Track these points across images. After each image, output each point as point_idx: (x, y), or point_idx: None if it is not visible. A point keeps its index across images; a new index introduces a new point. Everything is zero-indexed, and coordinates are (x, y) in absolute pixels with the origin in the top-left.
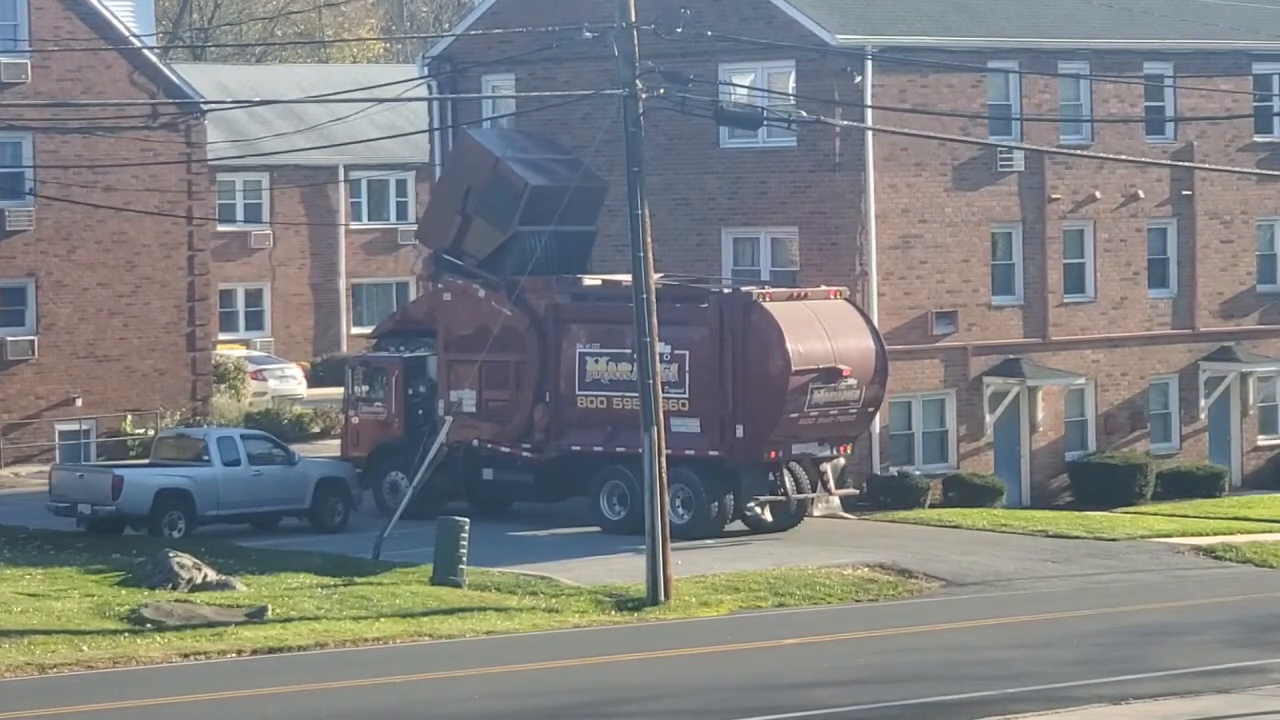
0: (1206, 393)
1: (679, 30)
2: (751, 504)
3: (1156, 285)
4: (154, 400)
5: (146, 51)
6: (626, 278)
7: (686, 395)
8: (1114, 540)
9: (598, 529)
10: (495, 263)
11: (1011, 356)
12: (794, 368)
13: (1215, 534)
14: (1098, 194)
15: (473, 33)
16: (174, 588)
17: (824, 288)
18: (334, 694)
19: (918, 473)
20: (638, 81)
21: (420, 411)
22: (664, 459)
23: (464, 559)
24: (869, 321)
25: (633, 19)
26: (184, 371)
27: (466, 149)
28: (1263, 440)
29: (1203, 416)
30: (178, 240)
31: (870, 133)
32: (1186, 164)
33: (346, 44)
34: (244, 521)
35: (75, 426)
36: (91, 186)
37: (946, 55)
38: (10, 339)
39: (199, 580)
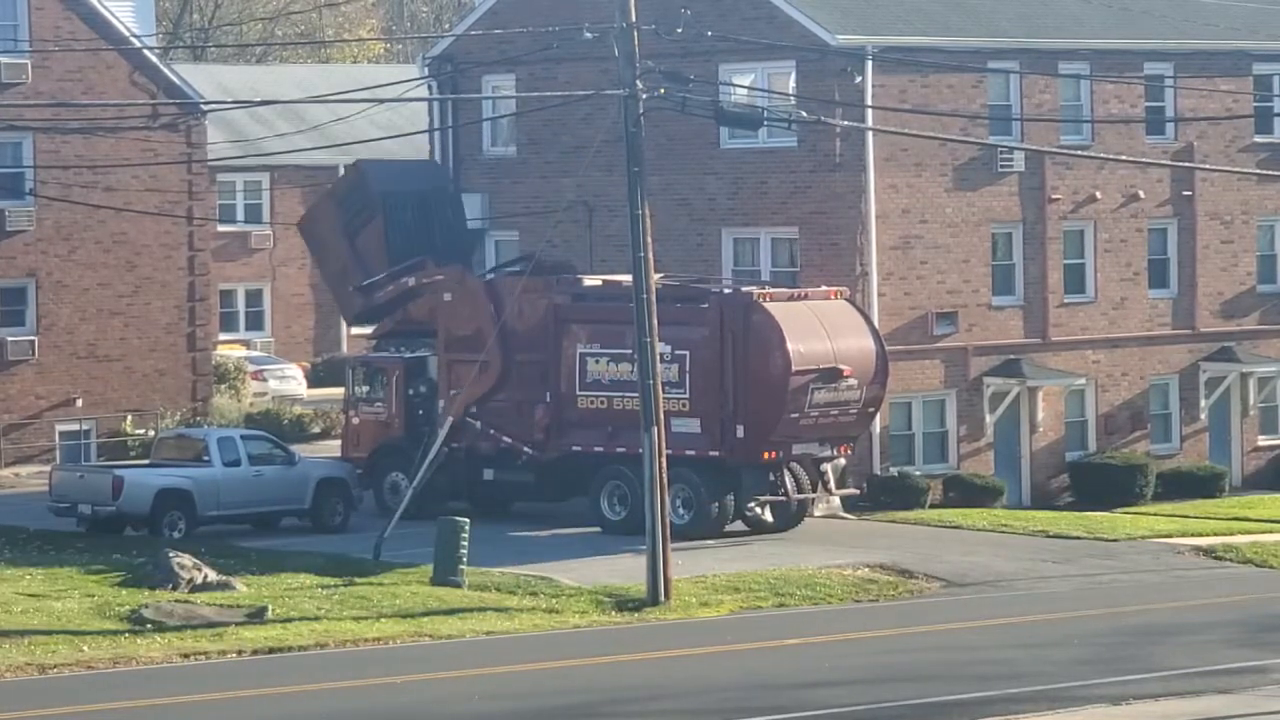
0: (1207, 393)
1: (679, 30)
2: (752, 504)
3: (1157, 285)
4: (154, 400)
5: (147, 52)
6: (627, 278)
7: (687, 395)
8: (1114, 540)
9: (598, 529)
10: (387, 255)
11: (1012, 357)
12: (794, 368)
13: (1216, 534)
14: (1098, 194)
15: (473, 33)
16: (174, 588)
17: (824, 288)
18: (334, 694)
19: (918, 473)
20: (638, 82)
21: (421, 412)
22: (664, 459)
23: (464, 559)
24: (869, 322)
25: (633, 19)
26: (184, 372)
27: (318, 208)
28: (1263, 440)
29: (1203, 417)
30: (178, 240)
31: (870, 133)
32: (1187, 164)
33: (347, 44)
34: (244, 522)
35: (75, 427)
36: (92, 187)
37: (946, 55)
38: (10, 339)
39: (199, 580)
